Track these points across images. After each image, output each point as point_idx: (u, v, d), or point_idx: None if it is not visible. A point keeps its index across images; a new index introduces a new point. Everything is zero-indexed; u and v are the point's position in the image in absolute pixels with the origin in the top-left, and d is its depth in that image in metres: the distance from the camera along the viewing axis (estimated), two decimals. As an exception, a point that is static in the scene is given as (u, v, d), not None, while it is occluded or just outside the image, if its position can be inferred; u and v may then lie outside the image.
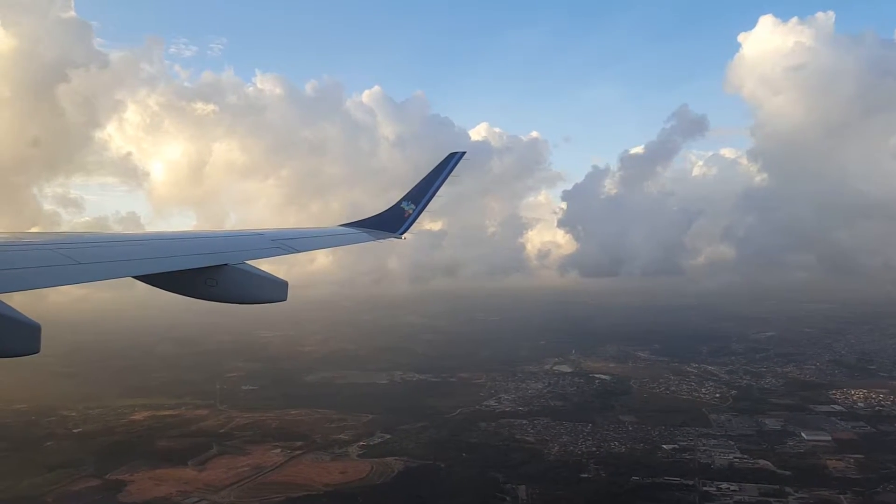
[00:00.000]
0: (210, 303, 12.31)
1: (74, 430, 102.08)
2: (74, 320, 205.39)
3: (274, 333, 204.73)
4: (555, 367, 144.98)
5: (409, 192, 22.63)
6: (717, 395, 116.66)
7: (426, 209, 22.56)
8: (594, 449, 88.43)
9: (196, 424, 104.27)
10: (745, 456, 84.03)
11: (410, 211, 22.15)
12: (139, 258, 11.60)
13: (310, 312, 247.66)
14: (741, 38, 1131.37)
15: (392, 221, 21.78)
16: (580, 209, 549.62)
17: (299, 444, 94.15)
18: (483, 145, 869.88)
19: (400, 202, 22.42)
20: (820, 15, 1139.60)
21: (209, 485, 78.29)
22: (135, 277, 10.74)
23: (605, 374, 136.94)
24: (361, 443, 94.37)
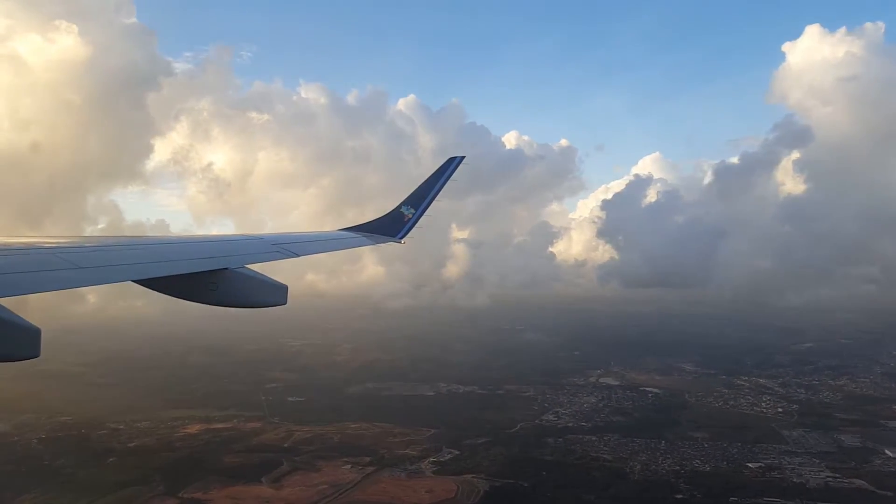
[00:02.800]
0: (232, 310, 12.46)
1: (130, 445, 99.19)
2: (97, 329, 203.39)
3: (301, 342, 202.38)
4: (600, 380, 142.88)
5: (409, 196, 22.64)
6: (780, 410, 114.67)
7: (425, 214, 22.52)
8: (677, 468, 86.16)
9: (255, 438, 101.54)
10: (837, 475, 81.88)
11: (410, 215, 22.13)
12: (140, 262, 11.49)
13: (328, 321, 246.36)
14: (786, 47, 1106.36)
15: (392, 226, 21.76)
16: (621, 218, 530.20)
17: (367, 459, 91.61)
18: (517, 154, 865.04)
19: (399, 206, 22.43)
20: (869, 25, 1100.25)
21: (292, 504, 75.87)
22: (135, 281, 10.63)
23: (654, 387, 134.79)
24: (431, 459, 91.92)
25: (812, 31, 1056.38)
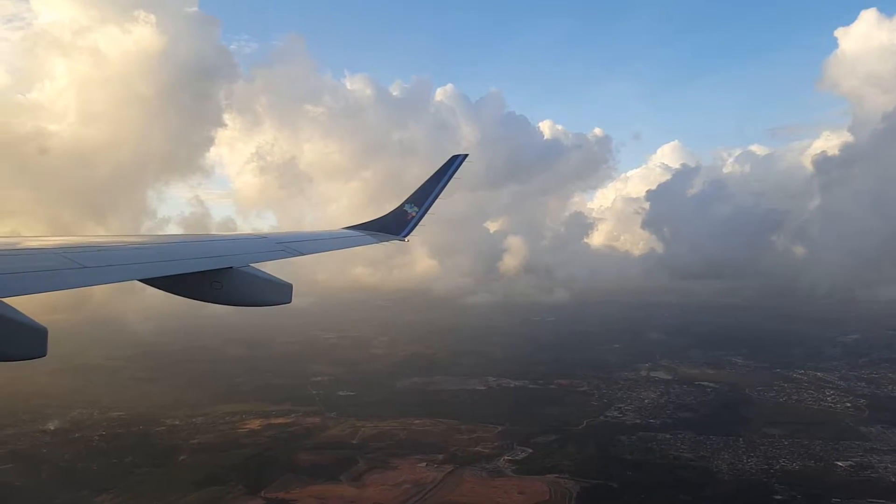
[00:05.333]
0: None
1: (193, 442, 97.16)
2: (126, 323, 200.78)
3: (335, 335, 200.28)
4: (651, 374, 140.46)
5: (413, 194, 22.49)
6: (848, 405, 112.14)
7: (429, 211, 22.37)
8: (765, 466, 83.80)
9: (321, 435, 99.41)
10: (936, 475, 79.61)
11: (414, 213, 22.03)
12: (144, 261, 11.53)
13: (351, 313, 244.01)
14: (838, 33, 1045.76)
15: (395, 224, 21.70)
16: (666, 209, 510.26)
17: (440, 457, 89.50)
18: (554, 143, 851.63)
19: (403, 205, 22.31)
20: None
21: (380, 504, 73.75)
22: (140, 280, 10.66)
23: (709, 381, 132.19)
24: (506, 457, 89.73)
25: (868, 16, 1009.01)
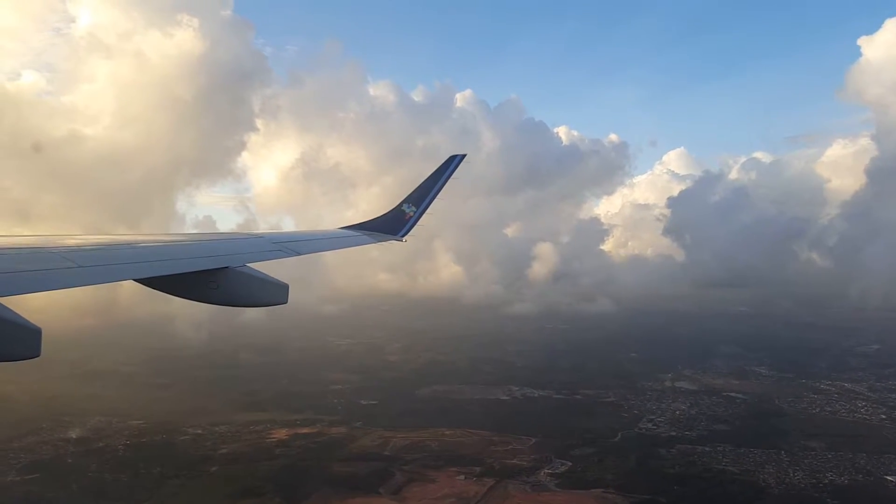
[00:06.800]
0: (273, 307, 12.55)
1: (220, 452, 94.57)
2: (134, 327, 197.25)
3: (347, 341, 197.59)
4: (675, 384, 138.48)
5: (410, 194, 22.28)
6: (883, 417, 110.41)
7: (426, 211, 22.21)
8: (813, 481, 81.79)
9: (351, 445, 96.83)
10: None
11: (411, 214, 21.90)
12: (141, 261, 11.41)
13: (360, 319, 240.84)
14: (861, 41, 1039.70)
15: (393, 224, 21.59)
16: (688, 216, 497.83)
17: (477, 469, 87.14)
18: (572, 149, 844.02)
19: (401, 205, 22.16)
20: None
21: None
22: (136, 281, 10.58)
23: (736, 392, 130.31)
24: (547, 470, 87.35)
25: (893, 25, 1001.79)
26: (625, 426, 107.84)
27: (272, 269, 14.23)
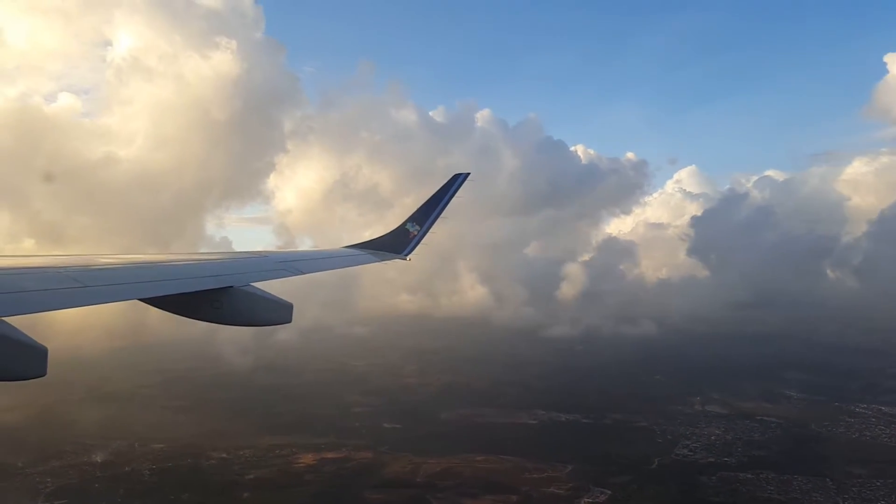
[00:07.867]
0: (287, 326, 12.58)
1: (248, 477, 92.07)
2: (147, 348, 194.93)
3: (363, 362, 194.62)
4: (706, 408, 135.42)
5: (414, 213, 22.30)
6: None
7: (430, 230, 22.11)
8: (867, 511, 78.99)
9: (382, 471, 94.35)
10: None
11: (415, 232, 21.81)
12: (145, 281, 11.49)
13: (370, 339, 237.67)
14: (888, 58, 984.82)
15: (397, 243, 21.48)
16: (713, 236, 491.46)
17: (514, 498, 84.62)
18: (591, 168, 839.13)
19: (405, 223, 22.12)
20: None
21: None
22: (141, 300, 10.70)
23: (769, 416, 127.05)
24: (587, 499, 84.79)
25: None
26: (660, 452, 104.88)
27: (281, 288, 13.85)
